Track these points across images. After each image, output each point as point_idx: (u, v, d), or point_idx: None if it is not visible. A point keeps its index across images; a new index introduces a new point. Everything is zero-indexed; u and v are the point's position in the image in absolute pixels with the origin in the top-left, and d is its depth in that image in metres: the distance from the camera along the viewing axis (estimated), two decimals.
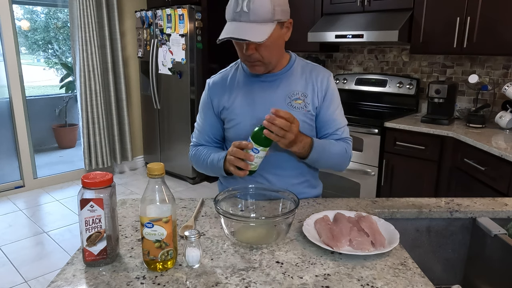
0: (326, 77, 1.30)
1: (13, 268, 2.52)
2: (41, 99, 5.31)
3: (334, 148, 1.28)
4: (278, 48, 1.22)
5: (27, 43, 5.20)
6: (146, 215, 0.85)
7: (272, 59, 1.22)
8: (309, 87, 1.29)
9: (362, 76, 3.41)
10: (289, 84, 1.29)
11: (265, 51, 1.18)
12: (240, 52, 1.22)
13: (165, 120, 4.13)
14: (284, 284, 0.84)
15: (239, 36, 1.10)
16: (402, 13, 2.79)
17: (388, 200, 1.27)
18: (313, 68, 1.33)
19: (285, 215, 0.97)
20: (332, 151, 1.27)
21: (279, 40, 1.20)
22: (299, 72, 1.31)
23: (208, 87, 1.37)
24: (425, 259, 1.24)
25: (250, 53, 1.17)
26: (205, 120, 1.37)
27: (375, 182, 2.84)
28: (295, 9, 3.33)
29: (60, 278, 0.86)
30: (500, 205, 1.25)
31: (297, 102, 1.27)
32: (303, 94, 1.28)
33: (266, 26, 1.12)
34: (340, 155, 1.29)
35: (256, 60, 1.20)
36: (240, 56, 1.25)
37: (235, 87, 1.31)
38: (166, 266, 0.88)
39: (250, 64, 1.23)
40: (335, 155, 1.28)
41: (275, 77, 1.29)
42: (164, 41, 3.85)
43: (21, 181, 3.84)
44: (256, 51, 1.17)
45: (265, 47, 1.17)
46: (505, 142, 2.25)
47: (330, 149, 1.27)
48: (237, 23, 1.12)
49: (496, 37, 2.42)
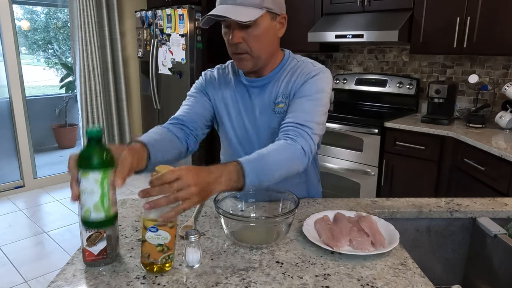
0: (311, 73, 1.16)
1: (13, 268, 2.52)
2: (41, 99, 5.32)
3: (276, 154, 1.03)
4: (268, 42, 1.14)
5: (27, 43, 5.20)
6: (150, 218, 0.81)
7: (262, 53, 1.13)
8: (290, 85, 1.18)
9: (362, 76, 3.41)
10: (275, 88, 1.20)
11: (254, 42, 1.10)
12: (227, 44, 1.15)
13: (165, 120, 4.06)
14: (284, 284, 0.84)
15: (222, 13, 1.04)
16: (402, 13, 2.79)
17: (388, 200, 1.27)
18: (302, 65, 1.20)
19: (285, 215, 0.97)
20: (275, 160, 1.02)
21: (269, 33, 1.12)
22: (287, 73, 1.20)
23: (204, 76, 1.31)
24: (425, 259, 1.24)
25: (236, 42, 1.09)
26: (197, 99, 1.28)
27: (375, 182, 2.84)
28: (295, 9, 3.35)
29: (60, 278, 0.85)
30: (500, 205, 1.25)
31: (279, 107, 1.18)
32: (284, 96, 1.18)
33: (253, 10, 1.06)
34: (289, 157, 1.05)
35: (243, 52, 1.12)
36: (228, 49, 1.16)
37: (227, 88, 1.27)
38: (164, 268, 0.86)
39: (237, 58, 1.15)
40: (282, 162, 1.03)
41: (263, 81, 1.21)
42: (164, 41, 3.85)
43: (21, 181, 3.84)
44: (243, 41, 1.10)
45: (253, 37, 1.10)
46: (505, 142, 2.25)
47: (271, 159, 1.01)
48: (224, 6, 1.08)
49: (496, 37, 2.42)
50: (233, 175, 0.94)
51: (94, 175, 0.73)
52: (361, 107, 3.38)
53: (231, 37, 1.10)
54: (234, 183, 0.94)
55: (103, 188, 0.74)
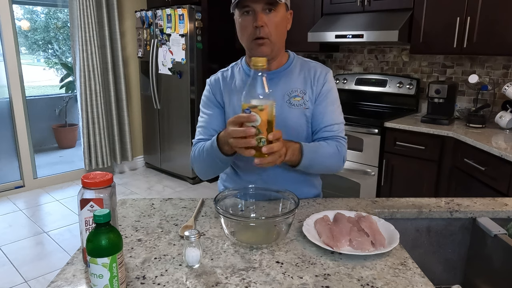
0: (324, 73, 1.29)
1: (13, 268, 2.52)
2: (41, 99, 5.31)
3: (326, 149, 1.23)
4: (283, 32, 1.23)
5: (27, 43, 5.20)
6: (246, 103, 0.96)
7: (278, 40, 1.21)
8: (308, 84, 1.28)
9: (362, 76, 3.41)
10: (288, 82, 1.28)
11: (274, 28, 1.18)
12: (248, 31, 1.19)
13: (165, 120, 4.13)
14: (284, 284, 0.84)
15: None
16: (402, 13, 2.79)
17: (388, 200, 1.27)
18: (312, 65, 1.32)
19: (285, 215, 0.97)
20: (324, 153, 1.22)
21: (284, 23, 1.22)
22: (298, 70, 1.30)
23: (209, 84, 1.36)
24: (425, 259, 1.24)
25: (261, 24, 1.16)
26: (209, 115, 1.33)
27: (375, 182, 2.84)
28: (295, 9, 3.33)
29: (60, 278, 0.86)
30: (500, 205, 1.25)
31: (295, 100, 1.26)
32: (302, 91, 1.27)
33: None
34: (333, 156, 1.24)
35: (265, 37, 1.18)
36: (248, 36, 1.20)
37: (234, 86, 1.31)
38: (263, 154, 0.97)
39: (258, 43, 1.19)
40: (327, 157, 1.23)
41: (273, 75, 1.28)
42: (164, 41, 3.85)
43: (21, 181, 3.84)
44: (266, 25, 1.17)
45: (274, 23, 1.17)
46: (505, 142, 2.25)
47: (321, 150, 1.22)
48: None
49: (496, 37, 2.42)
50: (296, 151, 1.13)
51: (102, 261, 0.76)
52: (361, 107, 3.38)
53: (257, 21, 1.16)
54: (294, 157, 1.13)
55: (112, 271, 0.77)
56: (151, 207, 1.23)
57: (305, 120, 1.27)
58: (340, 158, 1.26)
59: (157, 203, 1.26)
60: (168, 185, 4.01)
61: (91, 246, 0.75)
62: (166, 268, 0.89)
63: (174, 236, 1.04)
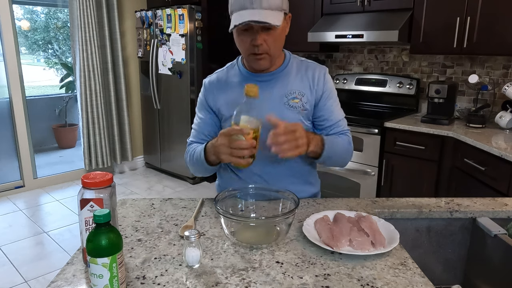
0: (322, 73, 1.29)
1: (13, 268, 2.52)
2: (41, 99, 5.31)
3: (341, 142, 1.28)
4: (282, 41, 1.22)
5: (27, 43, 5.20)
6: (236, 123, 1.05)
7: (276, 52, 1.22)
8: (306, 85, 1.28)
9: (362, 76, 3.41)
10: (286, 83, 1.27)
11: (273, 42, 1.17)
12: (246, 46, 1.19)
13: (165, 120, 4.13)
14: (284, 284, 0.84)
15: (260, 19, 1.09)
16: (402, 13, 2.79)
17: (388, 200, 1.27)
18: (308, 65, 1.31)
19: (285, 215, 0.97)
20: (340, 145, 1.28)
21: (283, 33, 1.21)
22: (295, 71, 1.29)
23: (204, 86, 1.36)
24: (425, 259, 1.24)
25: (259, 43, 1.15)
26: (201, 119, 1.35)
27: (375, 182, 2.84)
28: (295, 9, 3.34)
29: (60, 278, 0.86)
30: (500, 205, 1.25)
31: (294, 102, 1.26)
32: (300, 93, 1.26)
33: (278, 13, 1.13)
34: (346, 148, 1.30)
35: (264, 52, 1.18)
36: (246, 50, 1.20)
37: (231, 87, 1.30)
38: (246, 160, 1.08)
39: (256, 58, 1.19)
40: (343, 150, 1.29)
41: (271, 76, 1.27)
42: (164, 41, 3.85)
43: (21, 181, 3.84)
44: (265, 42, 1.16)
45: (274, 38, 1.16)
46: (505, 142, 2.25)
47: (338, 143, 1.27)
48: (251, 10, 1.11)
49: (496, 37, 2.42)
50: (319, 142, 1.18)
51: (102, 261, 0.76)
52: (361, 107, 3.38)
53: (256, 40, 1.15)
54: (316, 148, 1.18)
55: (112, 271, 0.77)
56: (151, 207, 1.23)
57: (302, 122, 1.26)
58: (351, 151, 1.33)
59: (157, 203, 1.26)
60: (168, 185, 4.01)
61: (91, 246, 0.75)
62: (166, 268, 0.89)
63: (174, 236, 1.04)
